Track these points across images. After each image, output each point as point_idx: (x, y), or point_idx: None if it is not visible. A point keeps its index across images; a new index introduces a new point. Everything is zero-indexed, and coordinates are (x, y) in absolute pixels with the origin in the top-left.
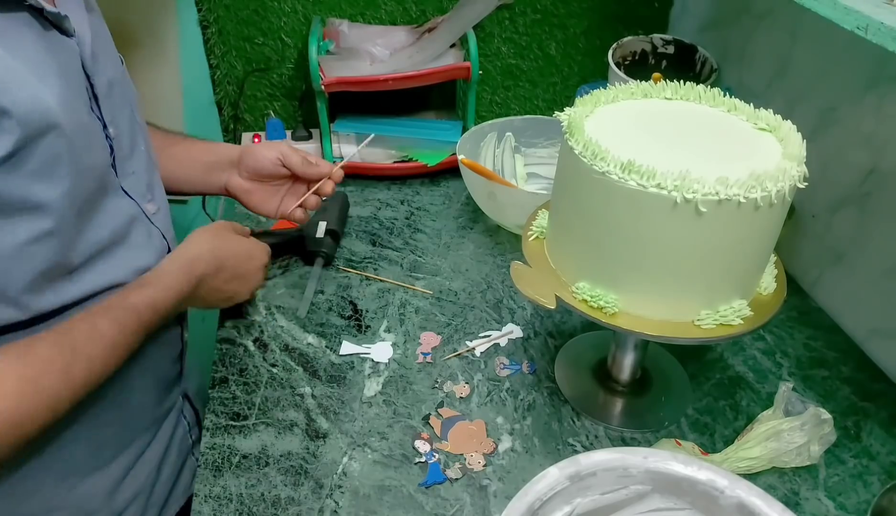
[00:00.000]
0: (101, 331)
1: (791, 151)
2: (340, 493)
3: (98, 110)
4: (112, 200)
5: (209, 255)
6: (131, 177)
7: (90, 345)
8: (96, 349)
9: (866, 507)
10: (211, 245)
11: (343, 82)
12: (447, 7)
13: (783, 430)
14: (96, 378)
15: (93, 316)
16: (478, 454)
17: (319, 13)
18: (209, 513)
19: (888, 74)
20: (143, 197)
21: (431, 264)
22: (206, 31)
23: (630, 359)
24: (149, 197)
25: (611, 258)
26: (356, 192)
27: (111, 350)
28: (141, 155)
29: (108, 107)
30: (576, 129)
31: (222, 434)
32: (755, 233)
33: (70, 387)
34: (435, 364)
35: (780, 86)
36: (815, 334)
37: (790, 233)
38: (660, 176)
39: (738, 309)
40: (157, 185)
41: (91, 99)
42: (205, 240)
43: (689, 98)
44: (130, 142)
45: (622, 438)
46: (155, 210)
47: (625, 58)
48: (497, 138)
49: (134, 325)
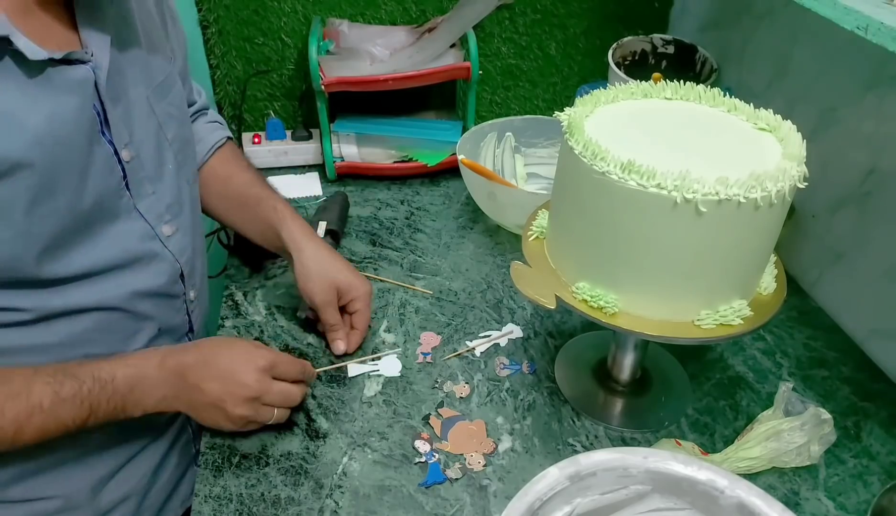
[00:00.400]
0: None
1: (791, 151)
2: (340, 493)
3: (108, 134)
4: (119, 225)
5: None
6: (150, 198)
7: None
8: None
9: (866, 507)
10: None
11: (343, 82)
12: (447, 7)
13: (783, 430)
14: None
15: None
16: (478, 454)
17: (319, 13)
18: (209, 513)
19: (888, 74)
20: (160, 218)
21: (431, 264)
22: (206, 32)
23: (630, 359)
24: (167, 218)
25: (611, 258)
26: (356, 192)
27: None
28: (168, 175)
29: (125, 129)
30: (576, 129)
31: (222, 434)
32: (755, 233)
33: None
34: (435, 364)
35: (780, 86)
36: (815, 334)
37: (790, 233)
38: (660, 176)
39: (738, 309)
40: (184, 205)
41: (101, 124)
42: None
43: (689, 98)
44: (156, 162)
45: (622, 438)
46: (171, 232)
47: (625, 58)
48: (497, 138)
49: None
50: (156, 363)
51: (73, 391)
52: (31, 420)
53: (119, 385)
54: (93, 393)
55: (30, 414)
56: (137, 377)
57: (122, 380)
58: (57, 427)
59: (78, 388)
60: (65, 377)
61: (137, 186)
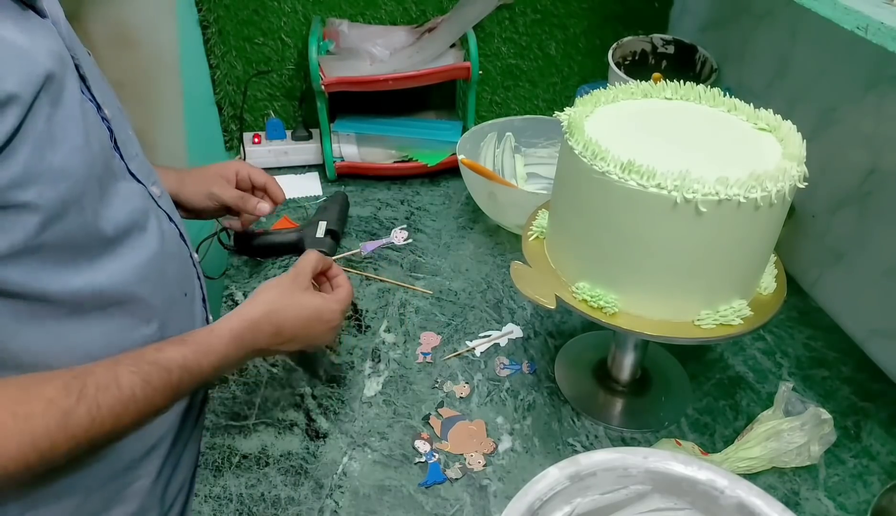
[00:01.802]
0: (118, 382)
1: (791, 151)
2: (340, 493)
3: (89, 92)
4: (123, 184)
5: (265, 321)
6: (136, 160)
7: (102, 393)
8: (107, 399)
9: (866, 507)
10: (269, 308)
11: (343, 82)
12: (447, 7)
13: (783, 430)
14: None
15: (116, 364)
16: (478, 454)
17: (319, 13)
18: (209, 513)
19: (888, 74)
20: (149, 179)
21: (431, 264)
22: (206, 32)
23: (630, 359)
24: (152, 179)
25: (611, 258)
26: (356, 192)
27: (126, 404)
28: (133, 140)
29: (97, 89)
30: (576, 129)
31: (222, 434)
32: (755, 233)
33: (68, 434)
34: (435, 364)
35: (780, 86)
36: (815, 334)
37: (790, 233)
38: (660, 176)
39: (738, 309)
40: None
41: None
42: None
43: (689, 98)
44: (122, 125)
45: (622, 438)
46: (160, 193)
47: (625, 58)
48: (497, 138)
49: (160, 383)
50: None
51: (163, 382)
52: (127, 410)
53: (206, 370)
54: (183, 381)
55: (126, 404)
56: (221, 362)
57: (209, 368)
58: (150, 414)
59: (168, 379)
60: (150, 366)
61: (123, 147)
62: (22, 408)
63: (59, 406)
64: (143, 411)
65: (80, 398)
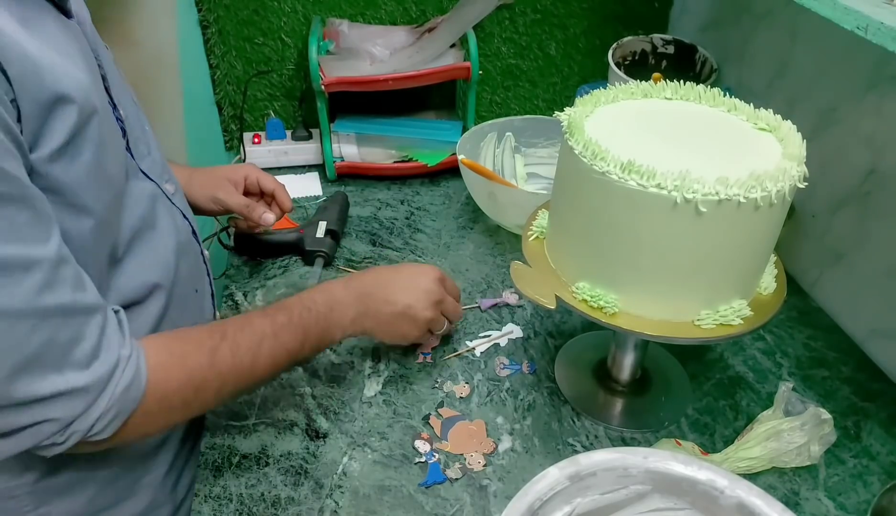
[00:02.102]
0: (251, 323)
1: (791, 151)
2: (340, 493)
3: (108, 93)
4: (135, 183)
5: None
6: (147, 159)
7: (240, 333)
8: (244, 338)
9: (866, 507)
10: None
11: (343, 82)
12: (447, 7)
13: (783, 430)
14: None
15: (248, 314)
16: (478, 454)
17: (319, 13)
18: (209, 513)
19: (888, 74)
20: (161, 177)
21: (431, 264)
22: (206, 32)
23: (630, 359)
24: (166, 177)
25: (611, 258)
26: (356, 192)
27: (259, 341)
28: (149, 136)
29: (115, 89)
30: (576, 129)
31: (222, 434)
32: (755, 233)
33: (215, 370)
34: (435, 364)
35: (780, 86)
36: (815, 334)
37: (790, 233)
38: (660, 176)
39: (738, 309)
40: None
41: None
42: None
43: (689, 98)
44: (138, 123)
45: (622, 438)
46: (173, 190)
47: (625, 58)
48: (497, 138)
49: (283, 319)
50: (342, 286)
51: (286, 319)
52: (261, 347)
53: (320, 308)
54: (303, 317)
55: (260, 341)
56: (332, 300)
57: (322, 304)
58: (282, 353)
59: (289, 316)
60: (275, 311)
61: (135, 146)
62: (177, 347)
63: (206, 345)
64: (275, 349)
65: (223, 338)
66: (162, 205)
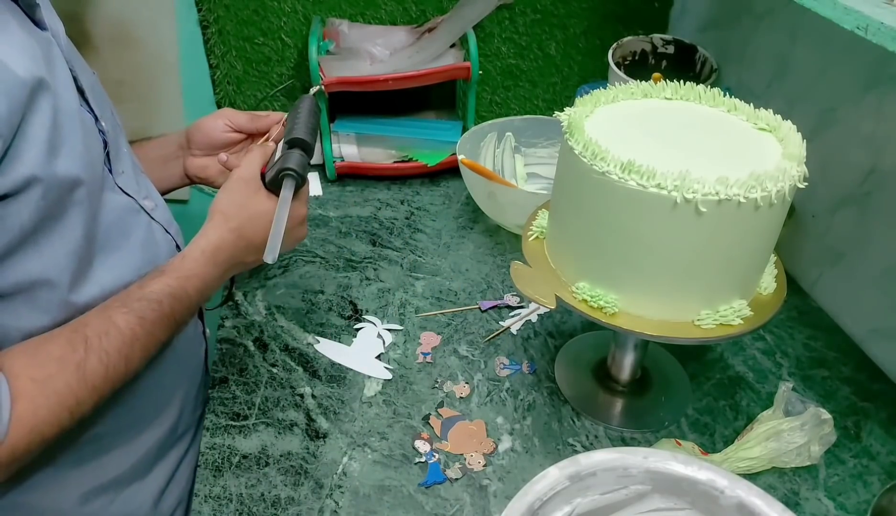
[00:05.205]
0: (116, 325)
1: (791, 151)
2: (340, 493)
3: (87, 104)
4: (110, 195)
5: (233, 237)
6: (122, 176)
7: (105, 339)
8: (113, 343)
9: (866, 507)
10: (234, 225)
11: (343, 82)
12: (447, 7)
13: (783, 430)
14: (117, 373)
15: (107, 309)
16: (478, 454)
17: (319, 13)
18: (209, 513)
19: (888, 74)
20: (138, 193)
21: (431, 264)
22: (206, 31)
23: (630, 359)
24: (143, 193)
25: (611, 258)
26: (356, 192)
27: (131, 344)
28: (126, 156)
29: (95, 102)
30: (576, 129)
31: (222, 434)
32: (755, 233)
33: (88, 386)
34: (435, 364)
35: (780, 86)
36: (815, 334)
37: (790, 233)
38: (660, 176)
39: (738, 309)
40: (146, 184)
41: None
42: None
43: (689, 98)
44: (116, 141)
45: (622, 438)
46: (153, 206)
47: (625, 58)
48: (497, 138)
49: (154, 315)
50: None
51: (156, 314)
52: (133, 348)
53: (192, 295)
54: (175, 309)
55: (131, 343)
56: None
57: (194, 290)
58: (155, 345)
59: (160, 311)
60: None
61: (114, 162)
62: (38, 372)
63: (70, 361)
64: (148, 346)
65: (88, 349)
66: (139, 219)
